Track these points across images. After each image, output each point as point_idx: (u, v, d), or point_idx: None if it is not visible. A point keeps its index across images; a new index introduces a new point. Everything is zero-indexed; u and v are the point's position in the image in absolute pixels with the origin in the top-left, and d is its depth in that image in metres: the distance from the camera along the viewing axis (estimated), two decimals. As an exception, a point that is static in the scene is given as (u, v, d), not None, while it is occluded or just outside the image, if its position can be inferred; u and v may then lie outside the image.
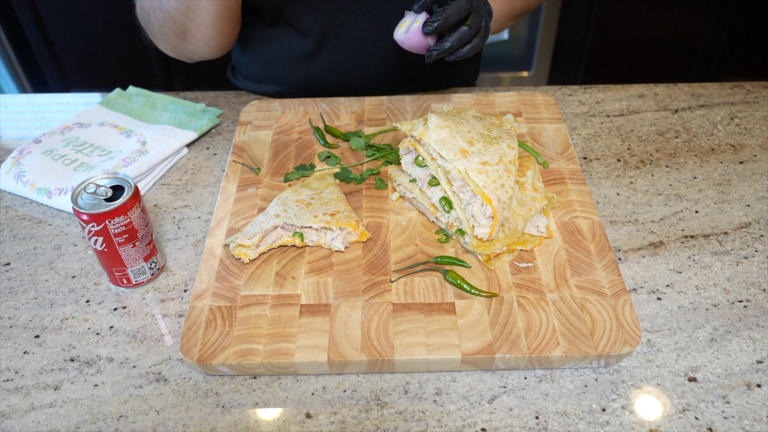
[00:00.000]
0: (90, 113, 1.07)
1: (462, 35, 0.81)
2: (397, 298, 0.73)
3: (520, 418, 0.64)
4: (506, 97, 1.05)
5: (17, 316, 0.76)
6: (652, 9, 2.28)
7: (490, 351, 0.66)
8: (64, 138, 1.00)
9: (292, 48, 1.09)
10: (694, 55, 2.42)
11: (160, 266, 0.80)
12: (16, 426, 0.65)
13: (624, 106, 1.10)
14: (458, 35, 0.80)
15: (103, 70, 2.44)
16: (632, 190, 0.92)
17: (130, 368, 0.70)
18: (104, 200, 0.71)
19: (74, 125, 1.03)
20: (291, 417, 0.65)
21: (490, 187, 0.72)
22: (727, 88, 1.13)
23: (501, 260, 0.76)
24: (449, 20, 0.79)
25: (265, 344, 0.68)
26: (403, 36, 0.83)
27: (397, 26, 0.84)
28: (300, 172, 0.91)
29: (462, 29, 0.80)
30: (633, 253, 0.82)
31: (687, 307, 0.75)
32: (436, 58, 0.81)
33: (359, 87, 1.12)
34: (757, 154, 0.98)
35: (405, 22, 0.83)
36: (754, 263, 0.80)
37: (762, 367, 0.68)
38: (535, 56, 2.48)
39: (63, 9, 2.24)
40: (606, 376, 0.68)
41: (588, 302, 0.71)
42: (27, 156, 0.96)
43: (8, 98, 1.18)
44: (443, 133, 0.77)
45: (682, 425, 0.63)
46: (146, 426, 0.65)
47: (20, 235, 0.88)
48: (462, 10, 0.79)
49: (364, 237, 0.80)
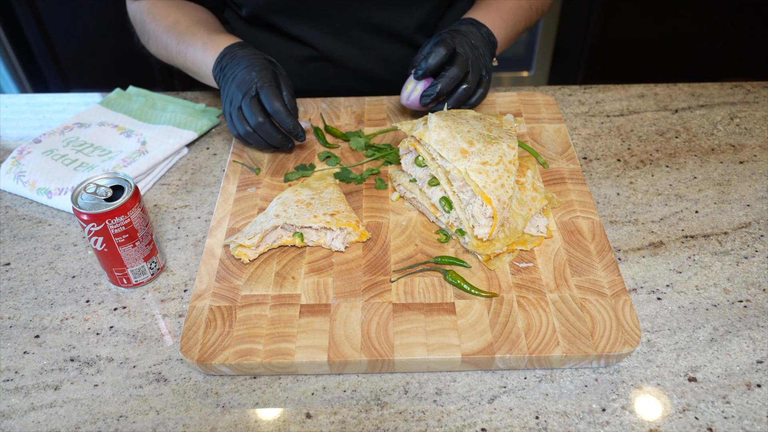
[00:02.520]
0: (90, 113, 1.07)
1: (460, 95, 0.89)
2: (397, 298, 0.73)
3: (520, 418, 0.64)
4: (506, 97, 1.05)
5: (17, 316, 0.76)
6: (652, 9, 2.28)
7: (490, 351, 0.66)
8: (64, 138, 1.00)
9: (289, 55, 1.09)
10: (694, 55, 2.42)
11: (160, 266, 0.80)
12: (16, 426, 0.65)
13: (624, 106, 1.10)
14: (456, 96, 0.89)
15: (103, 70, 2.44)
16: (632, 190, 0.92)
17: (130, 368, 0.70)
18: (104, 200, 0.71)
19: (74, 125, 1.03)
20: (291, 417, 0.65)
21: (490, 187, 0.72)
22: (727, 88, 1.13)
23: (501, 260, 0.76)
24: (443, 92, 0.87)
25: (265, 344, 0.68)
26: (405, 101, 0.94)
27: (403, 87, 0.93)
28: (300, 172, 0.91)
29: (459, 90, 0.88)
30: (633, 253, 0.82)
31: (687, 307, 0.75)
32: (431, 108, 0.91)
33: (356, 90, 1.12)
34: (757, 154, 0.98)
35: (408, 85, 0.92)
36: (754, 263, 0.80)
37: (762, 367, 0.68)
38: (535, 56, 2.48)
39: (63, 9, 2.24)
40: (606, 376, 0.68)
41: (588, 302, 0.71)
42: (27, 156, 0.96)
43: (8, 98, 1.18)
44: (443, 133, 0.77)
45: (682, 425, 0.63)
46: (146, 426, 0.65)
47: (20, 235, 0.88)
48: (456, 79, 0.87)
49: (364, 237, 0.80)
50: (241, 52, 0.92)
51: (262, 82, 0.86)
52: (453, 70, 0.86)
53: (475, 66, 0.89)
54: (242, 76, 0.87)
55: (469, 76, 0.88)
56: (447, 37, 0.88)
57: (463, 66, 0.87)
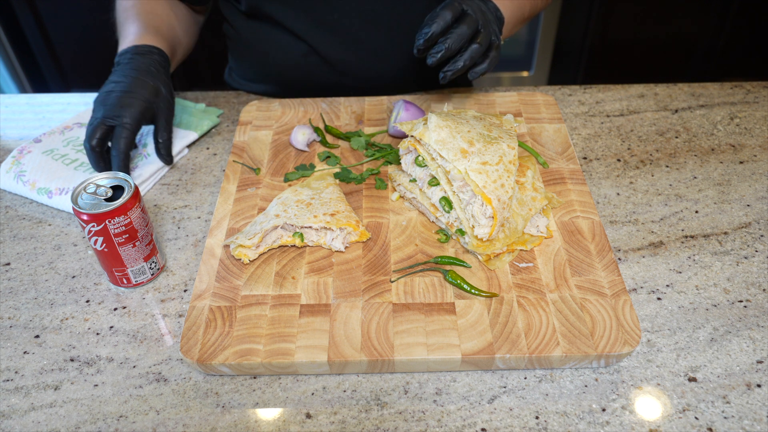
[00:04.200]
0: (90, 113, 1.06)
1: (474, 53, 0.83)
2: (397, 298, 0.73)
3: (520, 418, 0.64)
4: (506, 97, 1.05)
5: (17, 316, 0.76)
6: (652, 9, 2.28)
7: (490, 351, 0.66)
8: (65, 138, 1.00)
9: (287, 48, 1.09)
10: (694, 55, 2.42)
11: (160, 266, 0.80)
12: (16, 426, 0.65)
13: (624, 106, 1.10)
14: (470, 53, 0.82)
15: (103, 71, 2.43)
16: (632, 190, 0.92)
17: (130, 368, 0.70)
18: (104, 200, 0.71)
19: (74, 125, 1.03)
20: (291, 417, 0.65)
21: (490, 187, 0.72)
22: (727, 88, 1.13)
23: (501, 260, 0.76)
24: (451, 48, 0.81)
25: (265, 344, 0.68)
26: (392, 129, 0.96)
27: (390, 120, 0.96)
28: (300, 172, 0.91)
29: (473, 47, 0.82)
30: (633, 253, 0.82)
31: (687, 307, 0.75)
32: (450, 78, 0.83)
33: (356, 87, 1.11)
34: (757, 154, 0.98)
35: (392, 114, 0.94)
36: (754, 263, 0.80)
37: (762, 367, 0.68)
38: (535, 56, 2.48)
39: (63, 9, 2.24)
40: (606, 376, 0.68)
41: (588, 302, 0.71)
42: (27, 156, 0.95)
43: (8, 98, 1.18)
44: (443, 133, 0.77)
45: (682, 425, 0.63)
46: (146, 426, 0.65)
47: (20, 235, 0.88)
48: (464, 36, 0.81)
49: (364, 237, 0.80)
50: (137, 61, 0.92)
51: (127, 119, 0.87)
52: (461, 27, 0.81)
53: (486, 27, 0.84)
54: (114, 100, 0.88)
55: (481, 35, 0.83)
56: (454, 1, 0.84)
57: (472, 24, 0.82)
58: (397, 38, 1.08)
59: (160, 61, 0.95)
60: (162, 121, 0.92)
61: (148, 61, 0.93)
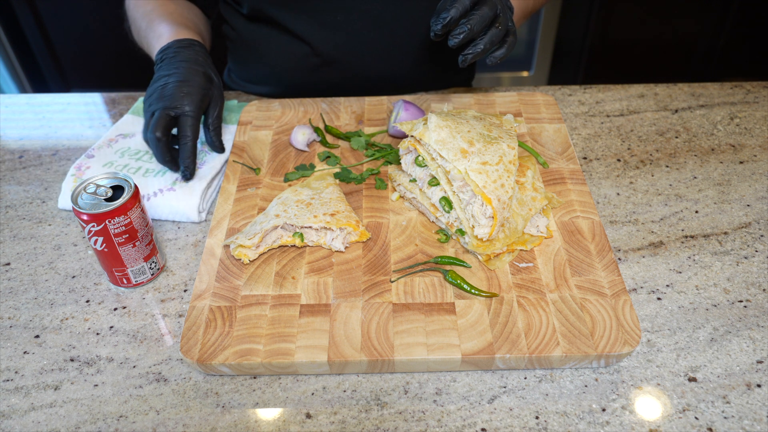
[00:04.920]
0: (126, 124, 1.03)
1: (494, 36, 0.81)
2: (397, 298, 0.73)
3: (520, 418, 0.64)
4: (506, 97, 1.05)
5: (17, 316, 0.76)
6: (652, 9, 2.28)
7: (490, 351, 0.66)
8: (115, 150, 0.98)
9: (289, 50, 1.09)
10: (694, 55, 2.42)
11: (160, 266, 0.80)
12: (16, 426, 0.65)
13: (624, 106, 1.10)
14: (490, 37, 0.80)
15: (103, 70, 2.44)
16: (632, 190, 0.92)
17: (130, 368, 0.70)
18: (104, 200, 0.71)
19: (117, 137, 1.00)
20: (291, 417, 0.65)
21: (490, 187, 0.72)
22: (727, 88, 1.13)
23: (501, 260, 0.76)
24: (474, 30, 0.79)
25: (265, 344, 0.68)
26: (392, 129, 0.95)
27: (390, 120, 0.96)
28: (300, 172, 0.91)
29: (492, 31, 0.80)
30: (633, 253, 0.82)
31: (687, 307, 0.75)
32: (470, 60, 0.81)
33: (357, 88, 1.11)
34: (757, 154, 0.98)
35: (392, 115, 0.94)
36: (754, 263, 0.80)
37: (762, 367, 0.68)
38: (535, 56, 2.48)
39: (63, 9, 2.24)
40: (606, 376, 0.68)
41: (588, 302, 0.71)
42: (87, 172, 0.93)
43: (8, 98, 1.18)
44: (443, 133, 0.77)
45: (682, 425, 0.63)
46: (146, 426, 0.65)
47: (20, 235, 0.88)
48: (486, 17, 0.79)
49: (364, 237, 0.80)
50: (184, 53, 0.92)
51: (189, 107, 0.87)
52: (483, 9, 0.79)
53: (504, 10, 0.83)
54: (172, 90, 0.87)
55: (500, 19, 0.81)
56: None
57: (492, 7, 0.80)
58: (400, 38, 1.08)
59: (203, 52, 0.95)
60: (216, 109, 0.92)
61: (194, 51, 0.93)
